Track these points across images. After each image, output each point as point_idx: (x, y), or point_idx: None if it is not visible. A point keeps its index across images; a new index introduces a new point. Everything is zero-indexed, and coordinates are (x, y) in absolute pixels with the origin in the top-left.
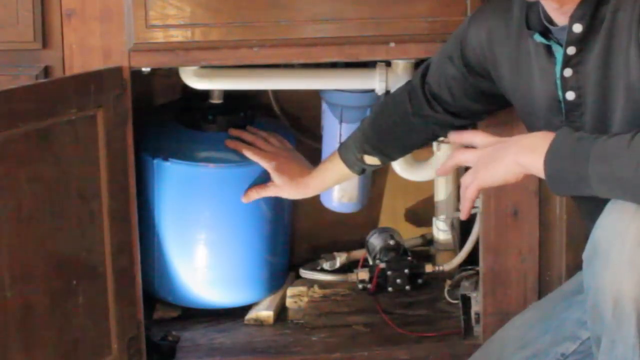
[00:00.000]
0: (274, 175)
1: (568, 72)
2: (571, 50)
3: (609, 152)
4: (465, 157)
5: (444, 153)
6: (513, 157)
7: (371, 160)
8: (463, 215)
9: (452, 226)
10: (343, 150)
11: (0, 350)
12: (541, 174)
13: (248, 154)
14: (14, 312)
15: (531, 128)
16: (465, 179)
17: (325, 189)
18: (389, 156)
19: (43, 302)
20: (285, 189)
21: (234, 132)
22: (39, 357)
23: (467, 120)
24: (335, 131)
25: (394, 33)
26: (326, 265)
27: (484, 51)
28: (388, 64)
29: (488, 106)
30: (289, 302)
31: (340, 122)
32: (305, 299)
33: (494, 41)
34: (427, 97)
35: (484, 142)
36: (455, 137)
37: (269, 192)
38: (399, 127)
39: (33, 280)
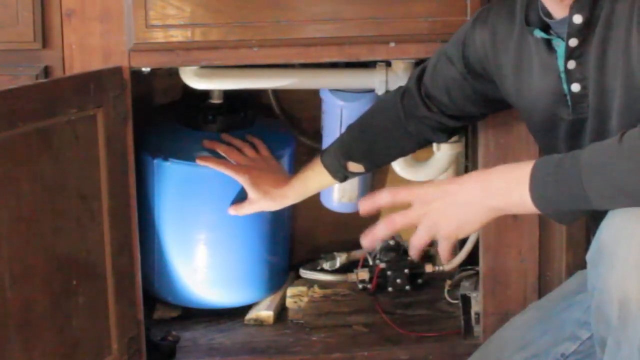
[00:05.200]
0: (248, 190)
1: (572, 64)
2: (573, 42)
3: (600, 166)
4: (400, 220)
5: (444, 153)
6: (483, 203)
7: (355, 167)
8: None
9: None
10: (325, 157)
11: (0, 350)
12: (528, 210)
13: (219, 168)
14: (14, 312)
15: (534, 127)
16: (419, 240)
17: (305, 197)
18: (375, 163)
19: (43, 302)
20: (261, 202)
21: (206, 143)
22: (39, 357)
23: (461, 122)
24: (335, 131)
25: (394, 33)
26: (326, 265)
27: (486, 51)
28: (388, 64)
29: (484, 109)
30: (289, 302)
31: (340, 122)
32: (305, 299)
33: (497, 41)
34: (422, 97)
35: (408, 198)
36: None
37: (247, 209)
38: (390, 131)
39: (33, 280)
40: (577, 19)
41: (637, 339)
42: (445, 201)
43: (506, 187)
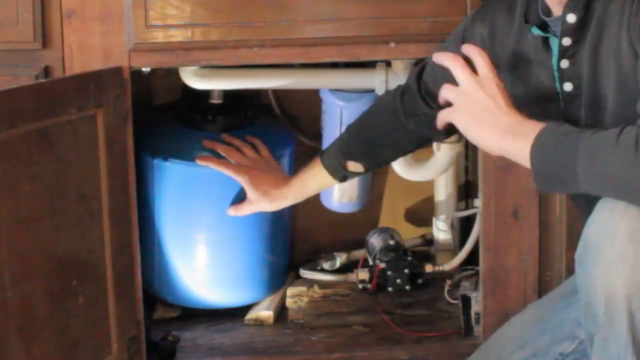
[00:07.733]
0: (247, 190)
1: (565, 63)
2: (566, 41)
3: (597, 149)
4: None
5: (444, 153)
6: (497, 139)
7: (355, 167)
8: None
9: (452, 226)
10: (325, 157)
11: (0, 350)
12: (524, 162)
13: (219, 168)
14: (14, 312)
15: None
16: (443, 115)
17: (304, 198)
18: (375, 162)
19: (43, 302)
20: (260, 203)
21: (206, 143)
22: (39, 357)
23: None
24: (335, 131)
25: (394, 33)
26: (326, 265)
27: (485, 46)
28: (388, 64)
29: None
30: (289, 302)
31: (340, 122)
32: (305, 299)
33: (496, 36)
34: (422, 95)
35: (463, 80)
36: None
37: (247, 209)
38: (389, 130)
39: (33, 280)
40: (571, 18)
41: (623, 335)
42: (481, 105)
43: (521, 130)
